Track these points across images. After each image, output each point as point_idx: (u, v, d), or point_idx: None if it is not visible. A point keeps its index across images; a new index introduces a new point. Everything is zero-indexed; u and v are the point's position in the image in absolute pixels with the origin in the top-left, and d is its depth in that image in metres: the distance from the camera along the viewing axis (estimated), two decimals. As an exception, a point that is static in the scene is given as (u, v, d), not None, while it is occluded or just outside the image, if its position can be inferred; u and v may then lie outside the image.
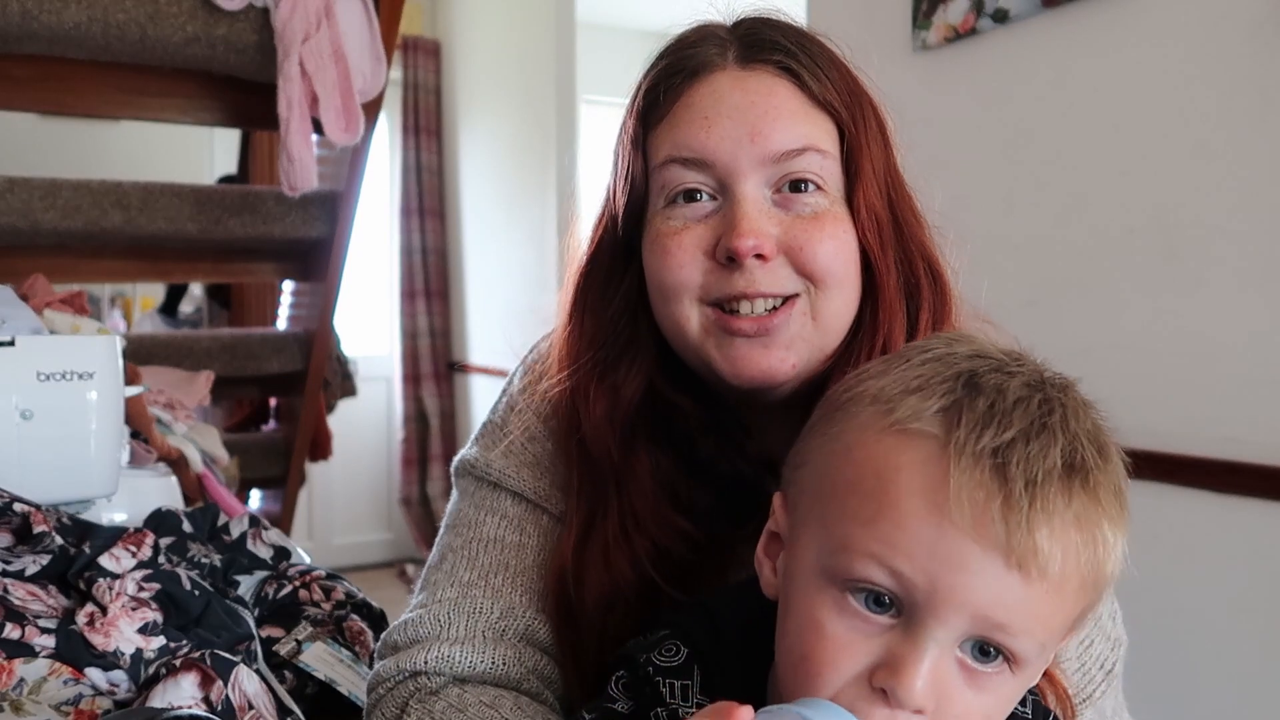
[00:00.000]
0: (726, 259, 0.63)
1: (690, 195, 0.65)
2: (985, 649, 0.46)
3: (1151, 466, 1.42)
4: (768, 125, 0.63)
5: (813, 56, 0.67)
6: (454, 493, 0.77)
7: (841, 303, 0.65)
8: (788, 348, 0.64)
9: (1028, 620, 0.45)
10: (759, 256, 0.63)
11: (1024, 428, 0.45)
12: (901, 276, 0.68)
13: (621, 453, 0.68)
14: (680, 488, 0.68)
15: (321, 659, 0.70)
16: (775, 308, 0.64)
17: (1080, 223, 1.53)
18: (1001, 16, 1.61)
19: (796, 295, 0.64)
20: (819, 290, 0.64)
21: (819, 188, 0.65)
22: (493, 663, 0.65)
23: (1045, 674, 0.57)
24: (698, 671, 0.54)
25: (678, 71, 0.66)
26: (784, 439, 0.60)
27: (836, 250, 0.64)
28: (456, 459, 0.78)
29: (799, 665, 0.47)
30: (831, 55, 0.69)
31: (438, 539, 0.74)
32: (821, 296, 0.64)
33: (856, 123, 0.66)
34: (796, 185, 0.64)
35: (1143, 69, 1.43)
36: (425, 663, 0.65)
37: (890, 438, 0.46)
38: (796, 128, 0.64)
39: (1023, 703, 0.55)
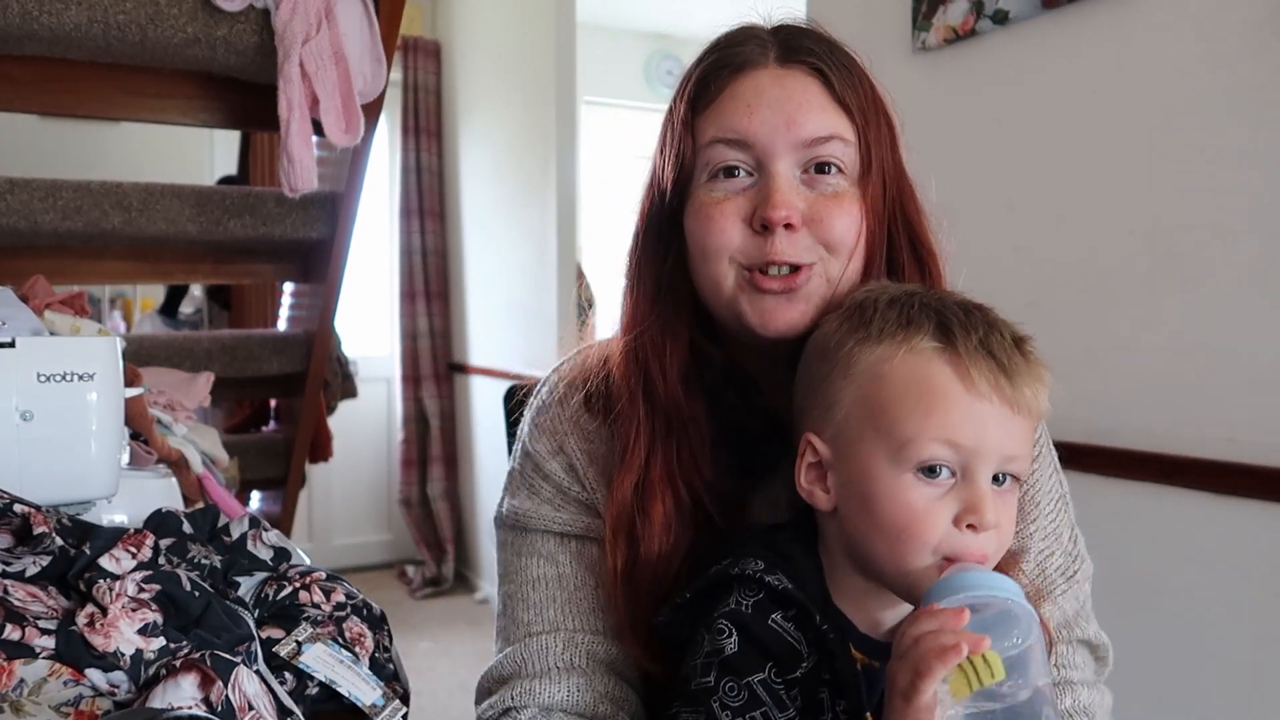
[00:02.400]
0: (761, 227, 0.75)
1: (730, 171, 0.77)
2: (1000, 477, 0.67)
3: (1151, 467, 1.42)
4: (801, 115, 0.75)
5: (839, 63, 0.78)
6: (497, 544, 0.90)
7: (851, 270, 0.77)
8: (806, 302, 0.76)
9: (1023, 448, 0.68)
10: (788, 226, 0.74)
11: (984, 326, 0.67)
12: (896, 256, 0.81)
13: (686, 399, 0.80)
14: (713, 435, 0.80)
15: (322, 660, 0.70)
16: (796, 269, 0.76)
17: (1080, 223, 1.53)
18: (1001, 18, 1.61)
19: (814, 263, 0.76)
20: (833, 257, 0.76)
21: (840, 170, 0.77)
22: (569, 691, 0.77)
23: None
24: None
25: (725, 66, 0.78)
26: (788, 396, 0.78)
27: (849, 225, 0.76)
28: (495, 513, 0.90)
29: (900, 537, 0.64)
30: (854, 63, 0.80)
31: (498, 589, 0.88)
32: (834, 263, 0.76)
33: (869, 122, 0.78)
34: (822, 167, 0.76)
35: (1143, 70, 1.43)
36: (513, 699, 0.78)
37: (913, 357, 0.66)
38: (825, 119, 0.76)
39: None
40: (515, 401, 1.09)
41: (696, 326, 0.81)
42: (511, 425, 1.12)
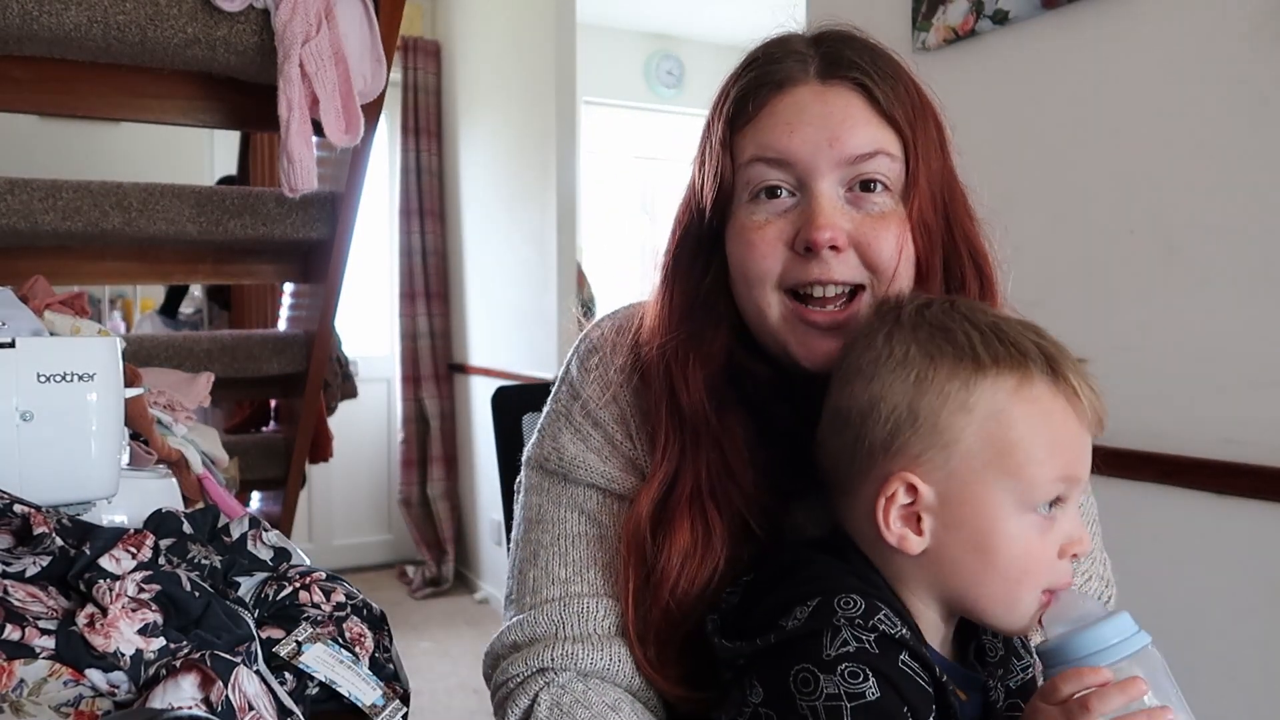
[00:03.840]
0: (805, 249, 0.72)
1: (772, 191, 0.74)
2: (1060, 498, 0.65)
3: (1151, 467, 1.42)
4: (845, 132, 0.72)
5: (884, 74, 0.75)
6: (524, 484, 0.84)
7: (895, 292, 0.74)
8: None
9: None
10: (833, 248, 0.72)
11: (1064, 352, 0.67)
12: (948, 272, 0.78)
13: (717, 413, 0.76)
14: (754, 448, 0.77)
15: (322, 660, 0.70)
16: (846, 301, 0.74)
17: (1080, 223, 1.53)
18: (1001, 18, 1.61)
19: (863, 287, 0.74)
20: (880, 281, 0.74)
21: (886, 188, 0.74)
22: (609, 660, 0.73)
23: None
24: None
25: (764, 84, 0.75)
26: None
27: (895, 249, 0.73)
28: (528, 452, 0.85)
29: (1021, 579, 0.64)
30: (899, 71, 0.77)
31: (521, 532, 0.82)
32: (883, 287, 0.74)
33: (917, 134, 0.75)
34: (867, 185, 0.73)
35: (1143, 69, 1.44)
36: (551, 659, 0.74)
37: (1034, 394, 0.64)
38: (869, 134, 0.73)
39: None
40: (501, 404, 1.11)
41: (737, 340, 0.79)
42: (500, 428, 1.12)
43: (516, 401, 1.12)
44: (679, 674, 0.73)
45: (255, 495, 2.38)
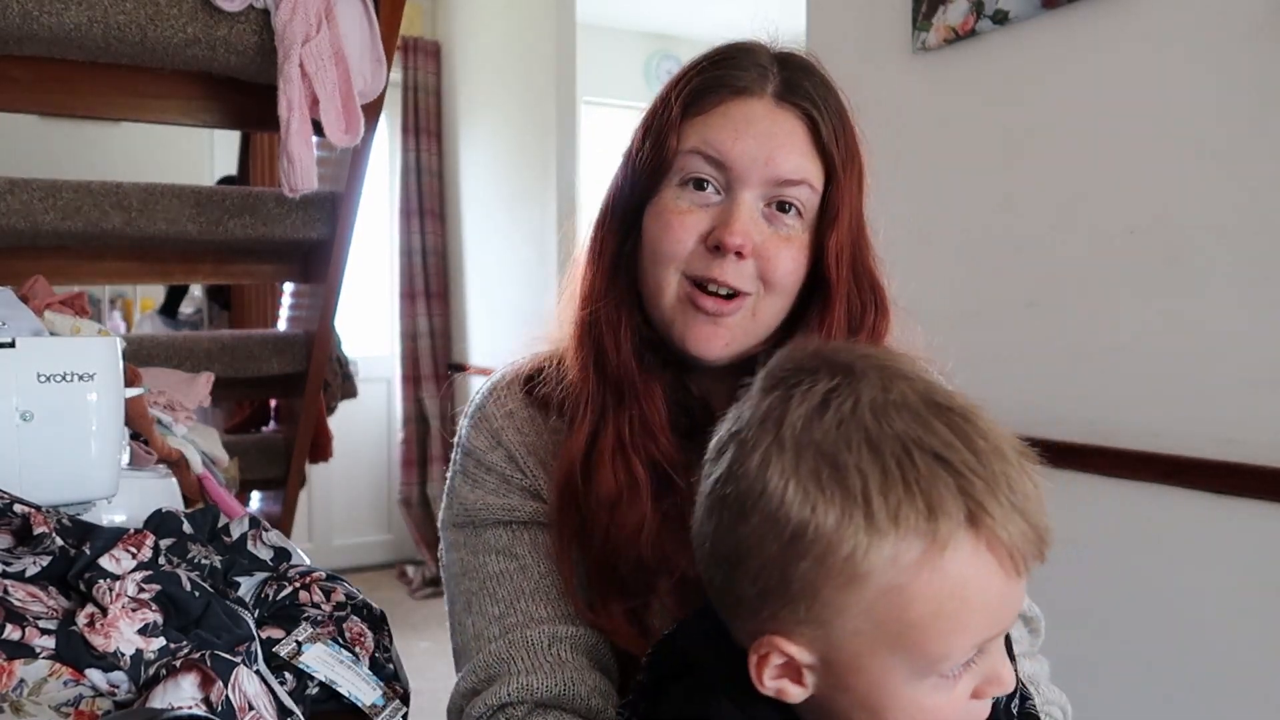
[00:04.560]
0: (714, 247, 0.77)
1: (700, 184, 0.79)
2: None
3: (1151, 467, 1.42)
4: (782, 154, 0.78)
5: (831, 112, 0.80)
6: (443, 546, 0.88)
7: (779, 307, 0.80)
8: (730, 331, 0.79)
9: None
10: (738, 254, 0.77)
11: (1000, 467, 0.52)
12: (853, 299, 0.82)
13: (640, 374, 0.82)
14: (674, 412, 0.83)
15: (322, 660, 0.70)
16: (731, 296, 0.78)
17: (1080, 223, 1.53)
18: (1001, 18, 1.61)
19: (748, 294, 0.79)
20: (766, 293, 0.79)
21: (799, 214, 0.79)
22: (564, 686, 0.76)
23: None
24: None
25: (725, 85, 0.80)
26: (721, 392, 0.81)
27: (792, 269, 0.79)
28: (440, 518, 0.90)
29: None
30: (844, 113, 0.81)
31: (452, 588, 0.86)
32: (766, 299, 0.79)
33: (845, 173, 0.80)
34: (784, 205, 0.79)
35: (1143, 69, 1.43)
36: (509, 695, 0.76)
37: (946, 563, 0.50)
38: (802, 163, 0.78)
39: None
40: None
41: (639, 313, 0.84)
42: None
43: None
44: (622, 611, 0.79)
45: (255, 495, 2.38)
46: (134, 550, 0.62)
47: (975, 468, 0.51)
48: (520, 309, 3.68)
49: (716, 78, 0.80)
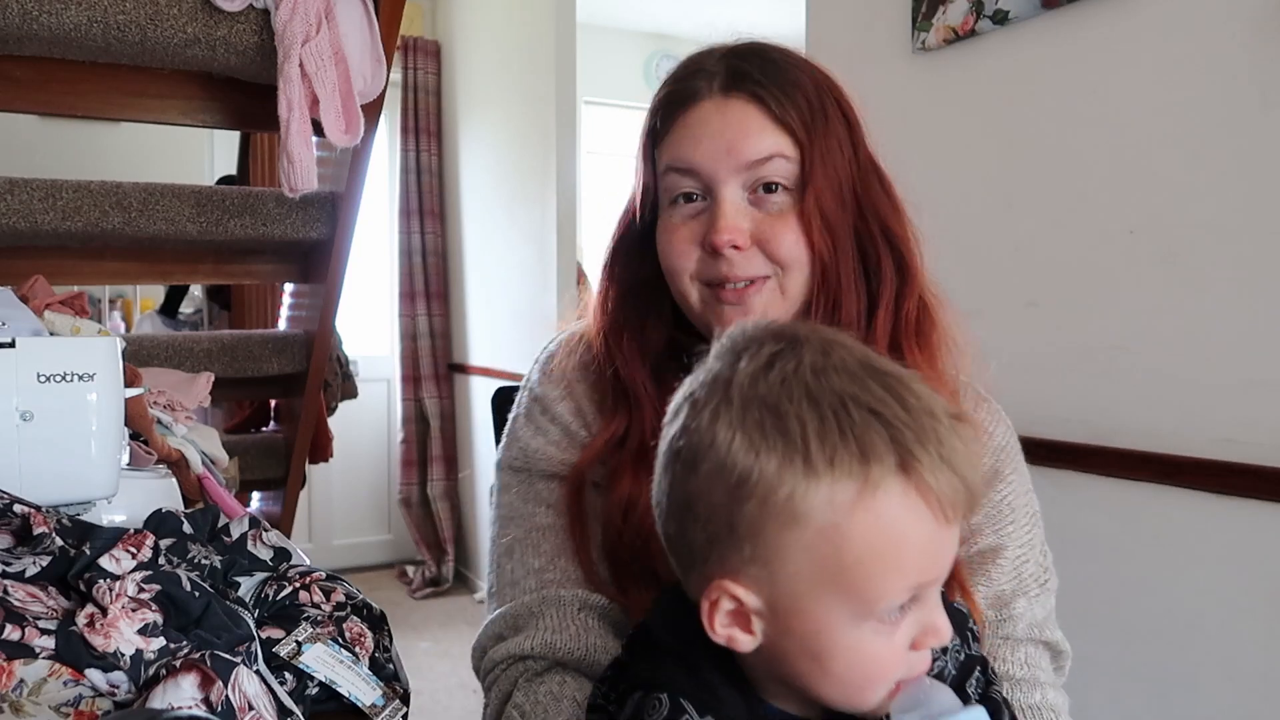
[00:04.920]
0: (710, 250, 0.81)
1: (687, 197, 0.83)
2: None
3: (1151, 467, 1.42)
4: (740, 141, 0.80)
5: (779, 85, 0.81)
6: (497, 485, 0.93)
7: (803, 281, 0.82)
8: (763, 313, 0.81)
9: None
10: (734, 248, 0.80)
11: (930, 423, 0.55)
12: (858, 258, 0.83)
13: (654, 384, 0.84)
14: None
15: (322, 660, 0.70)
16: (749, 284, 0.81)
17: (1080, 223, 1.53)
18: (1001, 18, 1.61)
19: (767, 276, 0.81)
20: (785, 272, 0.81)
21: (786, 188, 0.81)
22: (585, 651, 0.80)
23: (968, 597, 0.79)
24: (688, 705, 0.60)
25: (675, 101, 0.84)
26: None
27: (796, 241, 0.81)
28: (497, 455, 0.94)
29: (865, 685, 0.58)
30: (800, 79, 0.83)
31: (496, 530, 0.90)
32: (787, 277, 0.82)
33: (813, 136, 0.81)
34: (768, 186, 0.81)
35: (1143, 69, 1.44)
36: (532, 648, 0.81)
37: (879, 504, 0.54)
38: (764, 141, 0.80)
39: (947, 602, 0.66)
40: (502, 404, 1.16)
41: (676, 323, 0.88)
42: (501, 428, 1.13)
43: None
44: (640, 594, 0.81)
45: (255, 495, 2.38)
46: (134, 550, 0.62)
47: (906, 421, 0.54)
48: (520, 309, 3.68)
49: (667, 96, 0.85)
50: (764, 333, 0.60)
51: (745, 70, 0.82)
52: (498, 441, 1.14)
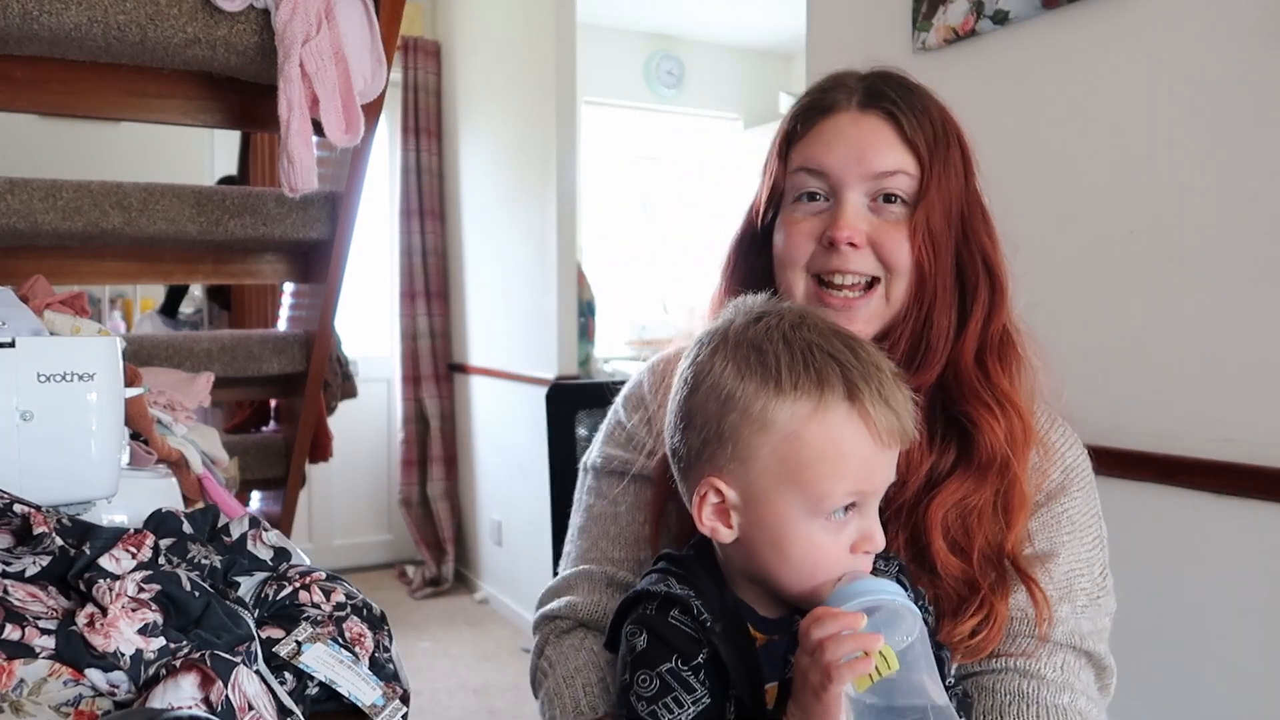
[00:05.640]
0: (828, 243, 0.89)
1: (812, 196, 0.91)
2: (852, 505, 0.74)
3: (1151, 467, 1.42)
4: (871, 153, 0.89)
5: (912, 108, 0.90)
6: (579, 483, 1.07)
7: (904, 287, 0.89)
8: (866, 321, 0.89)
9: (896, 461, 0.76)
10: (851, 245, 0.87)
11: (876, 372, 0.72)
12: (957, 276, 0.91)
13: None
14: None
15: (322, 660, 0.70)
16: (864, 289, 0.89)
17: (1081, 224, 1.53)
18: (1001, 18, 1.61)
19: (877, 279, 0.89)
20: (892, 276, 0.89)
21: (903, 201, 0.89)
22: (604, 614, 0.94)
23: (1030, 582, 0.87)
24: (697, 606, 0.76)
25: (814, 109, 0.93)
26: None
27: (906, 250, 0.88)
28: (583, 458, 1.09)
29: (811, 572, 0.72)
30: (928, 106, 0.92)
31: (572, 517, 1.06)
32: (893, 281, 0.89)
33: (934, 159, 0.89)
34: (888, 197, 0.89)
35: (1143, 70, 1.44)
36: (560, 609, 0.98)
37: (828, 418, 0.71)
38: (892, 156, 0.89)
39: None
40: (556, 401, 1.32)
41: None
42: (554, 424, 1.31)
43: (570, 399, 1.32)
44: None
45: (255, 495, 2.38)
46: (134, 550, 0.62)
47: (856, 366, 0.72)
48: (520, 309, 3.68)
49: (810, 104, 0.93)
50: (756, 301, 0.80)
51: (883, 90, 0.90)
52: (551, 437, 1.32)
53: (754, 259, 0.98)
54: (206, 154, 3.96)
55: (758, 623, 0.77)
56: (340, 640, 0.73)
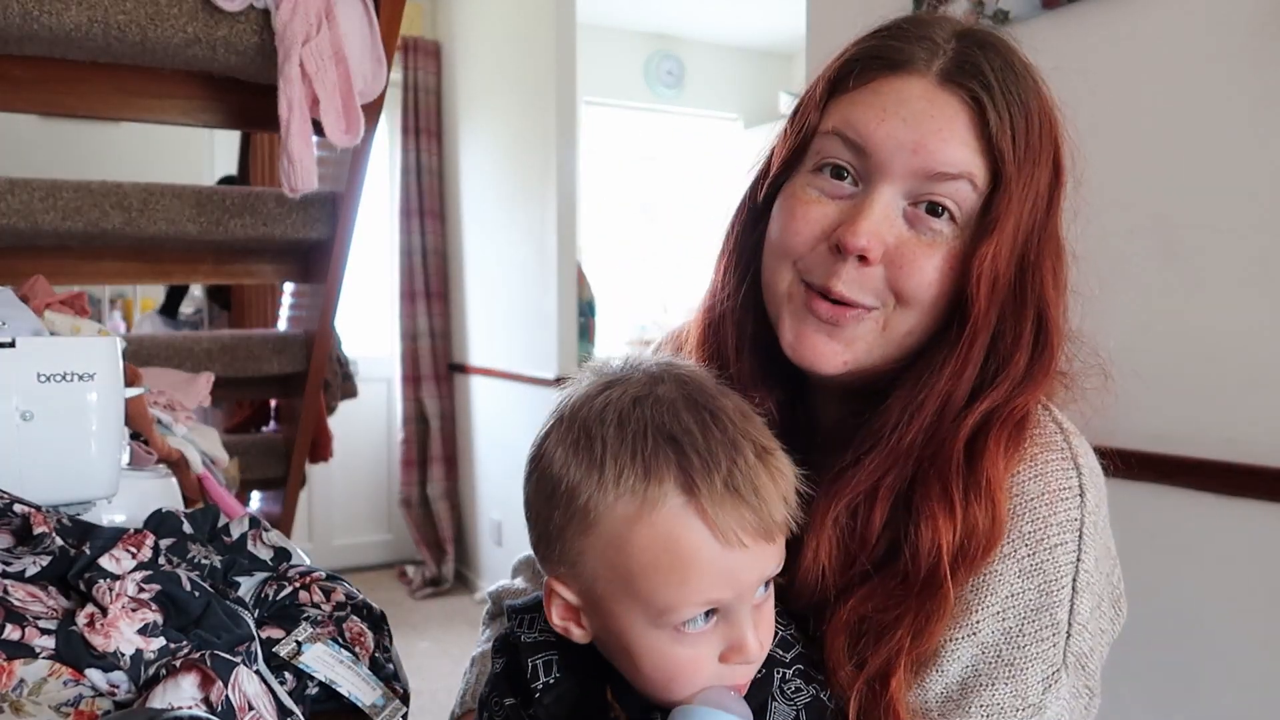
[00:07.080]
0: (834, 246, 0.66)
1: (838, 172, 0.68)
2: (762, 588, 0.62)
3: (1151, 468, 1.42)
4: (935, 142, 0.65)
5: (1008, 99, 0.67)
6: None
7: (915, 324, 0.67)
8: (848, 345, 0.68)
9: (778, 557, 0.61)
10: (863, 258, 0.65)
11: (726, 453, 0.58)
12: (1006, 328, 0.68)
13: (756, 385, 0.73)
14: (785, 413, 0.74)
15: (322, 660, 0.70)
16: (866, 305, 0.67)
17: (1080, 224, 1.53)
18: (1001, 17, 1.61)
19: (874, 307, 0.67)
20: (899, 307, 0.67)
21: (953, 219, 0.66)
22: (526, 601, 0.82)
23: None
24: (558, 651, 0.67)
25: (879, 57, 0.68)
26: (832, 415, 0.73)
27: (933, 280, 0.66)
28: None
29: (668, 685, 0.60)
30: (1027, 101, 0.69)
31: None
32: (898, 314, 0.67)
33: (1019, 176, 0.67)
34: (934, 208, 0.66)
35: (1143, 69, 1.43)
36: (490, 594, 0.98)
37: (658, 519, 0.57)
38: (960, 155, 0.65)
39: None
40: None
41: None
42: None
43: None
44: None
45: (255, 495, 2.38)
46: (134, 550, 0.62)
47: (701, 451, 0.57)
48: (520, 309, 3.68)
49: (873, 49, 0.68)
50: (624, 363, 0.65)
51: (978, 64, 0.67)
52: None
53: (752, 228, 0.76)
54: (206, 154, 3.96)
55: (623, 696, 0.65)
56: (340, 640, 0.73)
